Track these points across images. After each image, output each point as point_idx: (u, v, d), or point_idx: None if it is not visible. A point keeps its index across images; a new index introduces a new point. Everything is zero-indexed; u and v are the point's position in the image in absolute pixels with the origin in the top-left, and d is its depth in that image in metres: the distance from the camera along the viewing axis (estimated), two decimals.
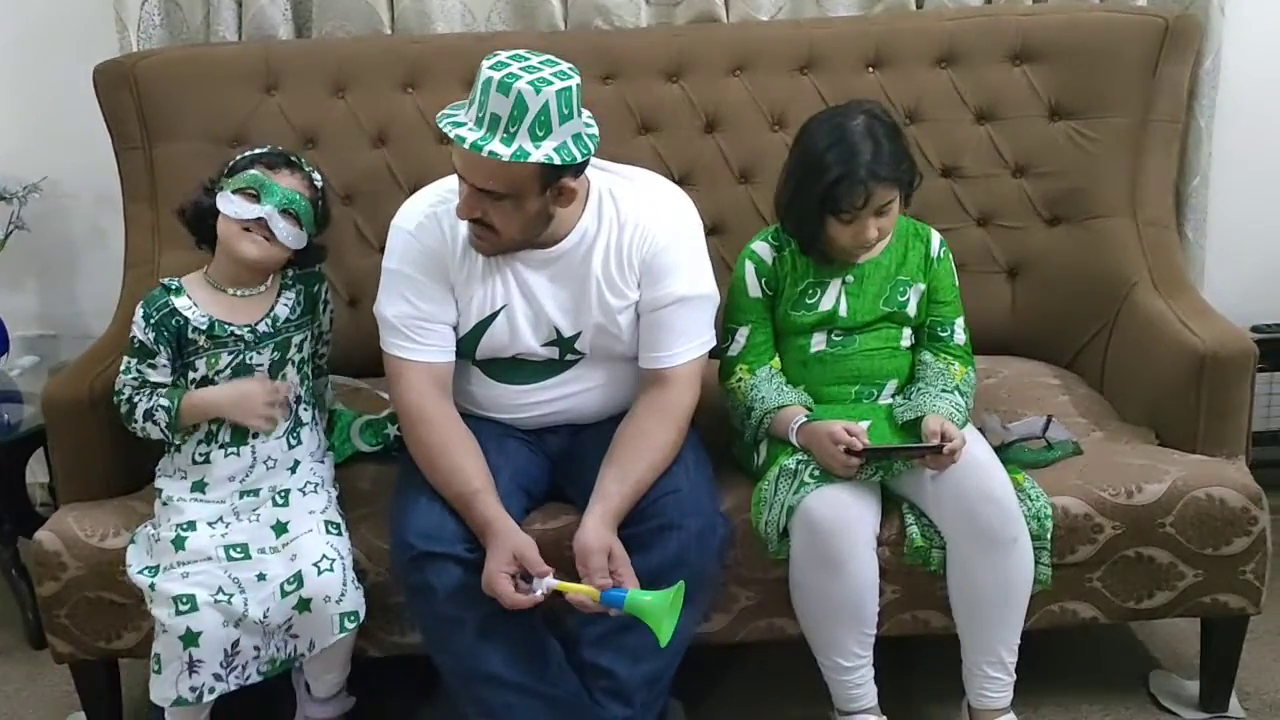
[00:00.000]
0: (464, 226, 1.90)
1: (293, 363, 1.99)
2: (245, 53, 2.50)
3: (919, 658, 2.14)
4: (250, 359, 1.94)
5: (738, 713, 2.18)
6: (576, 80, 1.79)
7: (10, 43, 2.72)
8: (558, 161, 1.77)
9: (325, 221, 2.01)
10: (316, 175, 2.00)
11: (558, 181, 1.82)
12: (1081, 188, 2.44)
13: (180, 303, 1.92)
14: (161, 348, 1.91)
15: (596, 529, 1.80)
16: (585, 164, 1.85)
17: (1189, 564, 2.00)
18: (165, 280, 1.96)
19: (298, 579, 1.86)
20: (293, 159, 1.98)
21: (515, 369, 1.99)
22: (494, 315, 1.94)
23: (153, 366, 1.91)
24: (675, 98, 2.49)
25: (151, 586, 1.86)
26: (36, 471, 2.72)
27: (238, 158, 1.97)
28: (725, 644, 2.04)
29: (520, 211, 1.84)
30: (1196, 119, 2.57)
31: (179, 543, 1.87)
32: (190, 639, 1.82)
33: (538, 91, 1.74)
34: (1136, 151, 2.41)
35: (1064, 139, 2.45)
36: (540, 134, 1.75)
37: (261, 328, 1.95)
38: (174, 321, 1.91)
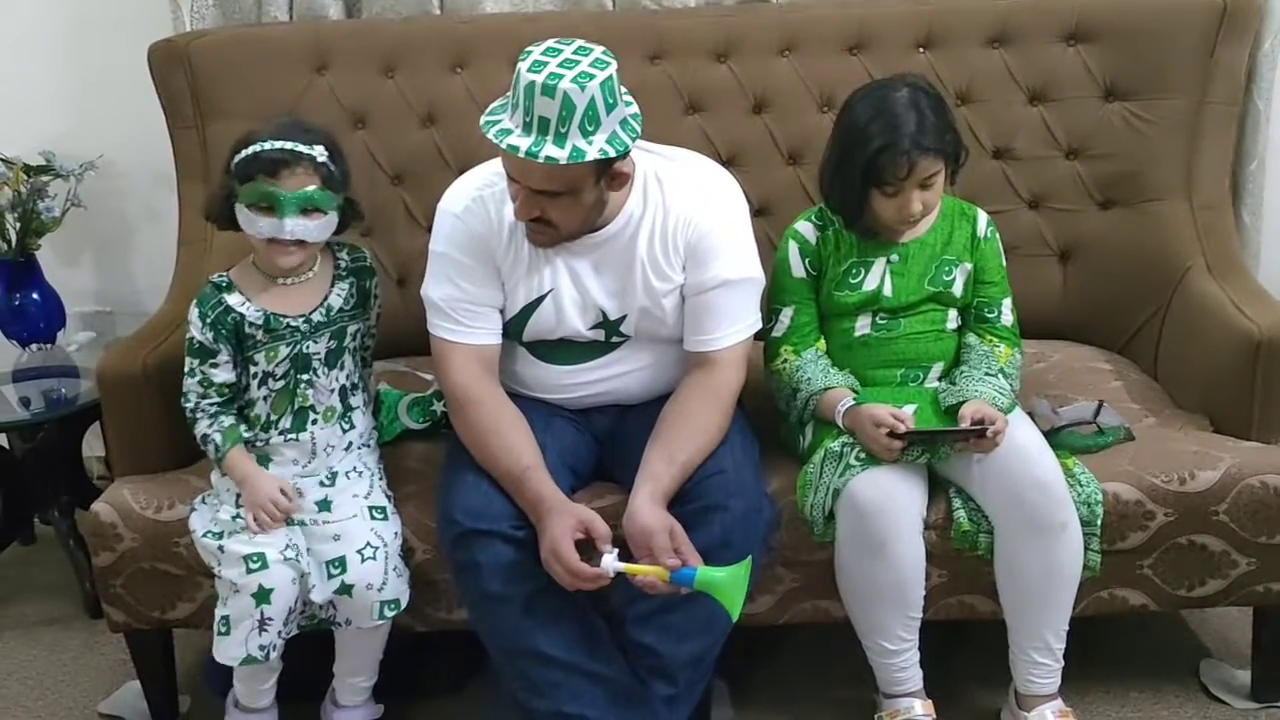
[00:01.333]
0: (510, 209, 1.90)
1: (349, 350, 1.99)
2: (296, 33, 2.52)
3: (965, 642, 2.13)
4: (307, 348, 1.94)
5: (781, 694, 2.18)
6: (614, 66, 1.78)
7: (66, 24, 2.76)
8: (612, 154, 1.77)
9: (346, 183, 1.94)
10: (318, 150, 1.88)
11: (610, 168, 1.82)
12: (1136, 170, 2.40)
13: (233, 300, 1.90)
14: (222, 346, 1.90)
15: (652, 509, 1.79)
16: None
17: (1242, 552, 1.97)
18: (215, 278, 1.93)
19: (342, 564, 1.89)
20: (291, 151, 1.85)
21: (562, 350, 2.00)
22: (540, 299, 1.95)
23: (215, 366, 1.91)
24: (723, 78, 2.47)
25: (220, 548, 1.88)
26: (93, 445, 2.77)
27: (242, 154, 1.87)
28: (769, 626, 2.04)
29: (578, 204, 1.84)
30: (1254, 102, 2.52)
31: (242, 516, 1.90)
32: (263, 596, 1.83)
33: (582, 89, 1.72)
34: (1192, 134, 2.38)
35: (1118, 121, 2.41)
36: (590, 129, 1.75)
37: (316, 317, 1.94)
38: (230, 319, 1.89)
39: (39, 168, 2.62)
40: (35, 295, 2.65)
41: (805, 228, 2.06)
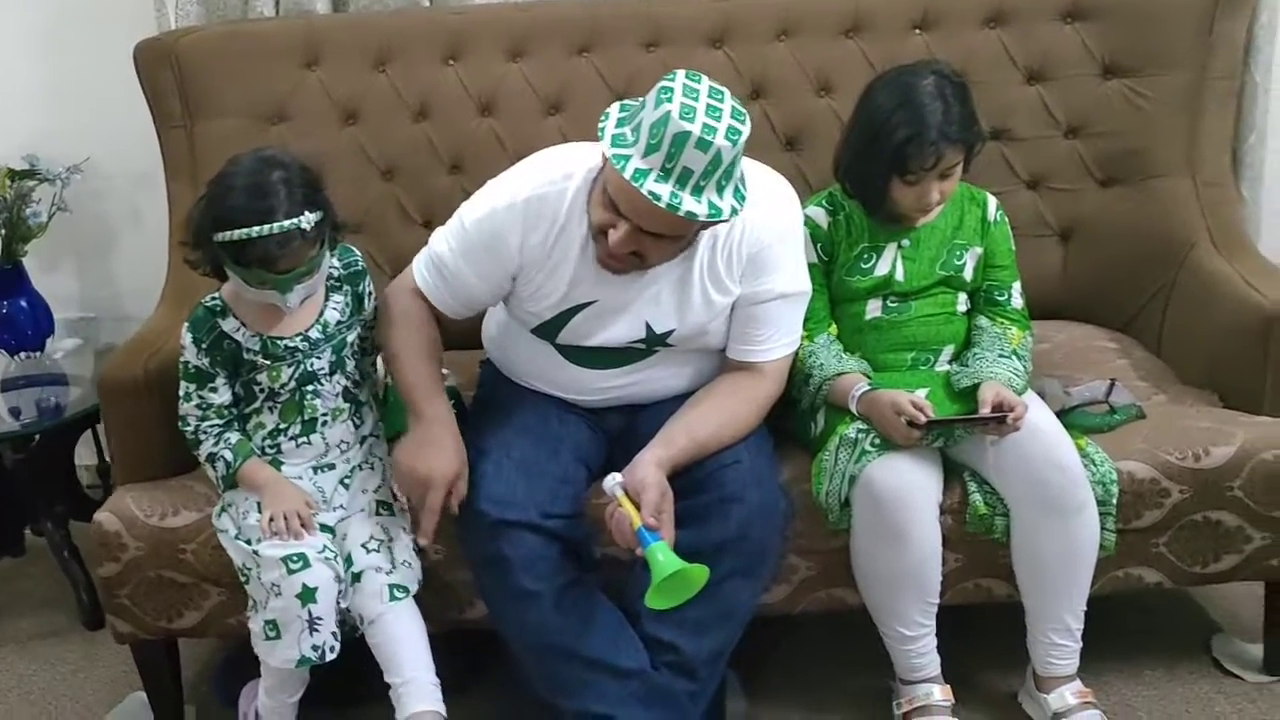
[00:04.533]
0: (564, 216, 1.84)
1: (349, 357, 1.95)
2: (285, 28, 2.48)
3: (982, 626, 2.12)
4: (311, 365, 1.89)
5: (796, 683, 2.17)
6: (749, 119, 1.73)
7: (47, 25, 2.71)
8: (740, 210, 1.75)
9: (329, 211, 1.82)
10: (305, 218, 1.74)
11: None
12: (1136, 148, 2.40)
13: (228, 325, 1.84)
14: (218, 370, 1.86)
15: (655, 469, 1.77)
16: None
17: (1257, 527, 1.97)
18: (208, 301, 1.86)
19: (349, 560, 1.87)
20: (284, 237, 1.73)
21: (595, 356, 1.95)
22: (582, 306, 1.90)
23: (214, 390, 1.87)
24: (720, 64, 2.44)
25: (255, 554, 1.82)
26: (83, 455, 2.72)
27: (230, 237, 1.72)
28: (785, 615, 2.03)
29: (676, 245, 1.81)
30: (1252, 75, 2.52)
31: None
32: (308, 595, 1.78)
33: (734, 146, 1.68)
34: (1193, 110, 2.37)
35: (1117, 98, 2.41)
36: (724, 184, 1.71)
37: (314, 334, 1.89)
38: (225, 344, 1.84)
39: (24, 172, 2.56)
40: (23, 302, 2.60)
41: (816, 213, 2.04)
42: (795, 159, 2.46)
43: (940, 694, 1.97)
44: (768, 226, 1.88)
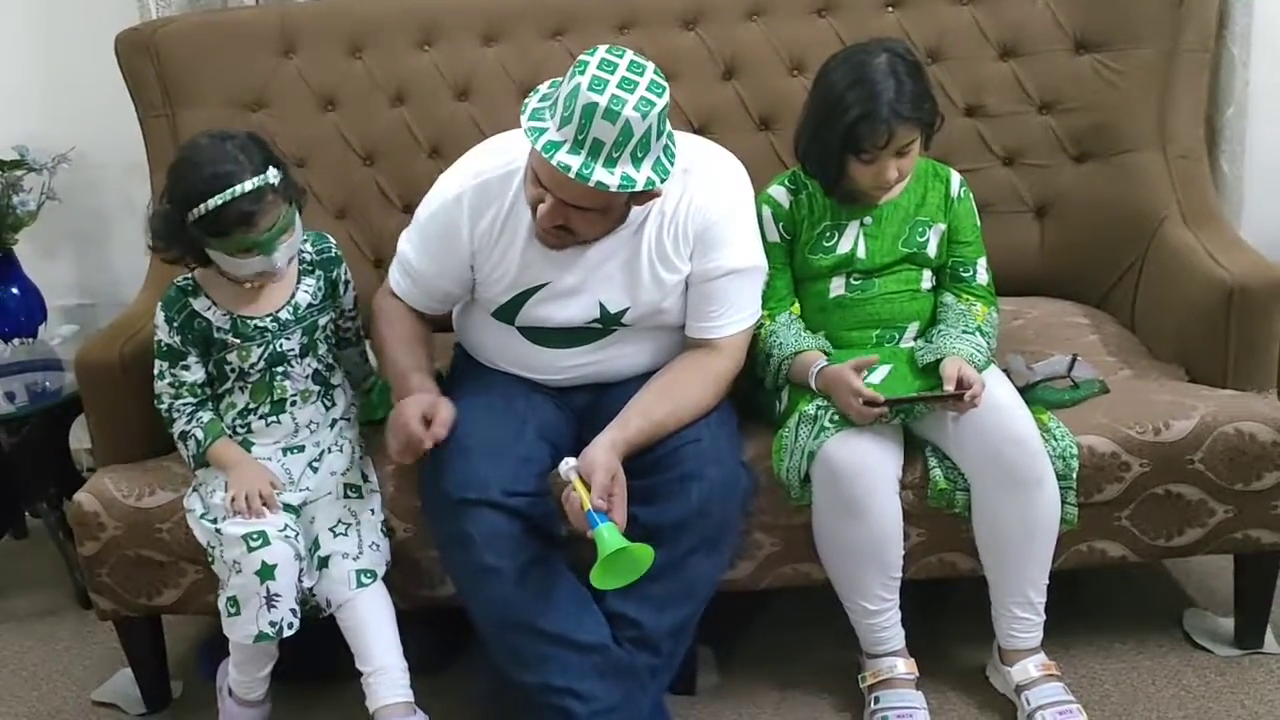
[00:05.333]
0: (510, 200, 1.90)
1: (321, 340, 1.99)
2: (262, 17, 2.51)
3: (947, 600, 2.14)
4: (280, 345, 1.93)
5: (766, 657, 2.19)
6: (668, 90, 1.75)
7: (33, 14, 2.75)
8: (658, 183, 1.77)
9: (287, 172, 1.87)
10: (270, 173, 1.80)
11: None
12: (1109, 122, 2.39)
13: (199, 304, 1.89)
14: (190, 349, 1.90)
15: (606, 452, 1.79)
16: None
17: (1219, 500, 1.97)
18: (180, 281, 1.92)
19: (316, 543, 1.91)
20: (256, 193, 1.78)
21: (555, 335, 1.99)
22: (536, 288, 1.94)
23: (186, 368, 1.91)
24: (692, 45, 2.46)
25: (218, 531, 1.87)
26: (81, 438, 2.78)
27: (204, 210, 1.77)
28: (751, 591, 2.05)
29: (606, 218, 1.84)
30: (1228, 46, 2.50)
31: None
32: (267, 572, 1.83)
33: (644, 117, 1.70)
34: (1165, 83, 2.36)
35: (1090, 73, 2.40)
36: (640, 156, 1.73)
37: (284, 315, 1.93)
38: (196, 323, 1.89)
39: (12, 162, 2.62)
40: (15, 290, 2.67)
41: (778, 192, 2.06)
42: (770, 138, 2.47)
43: (904, 667, 1.99)
44: (714, 204, 1.90)
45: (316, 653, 2.00)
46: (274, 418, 1.96)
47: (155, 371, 1.93)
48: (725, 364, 1.95)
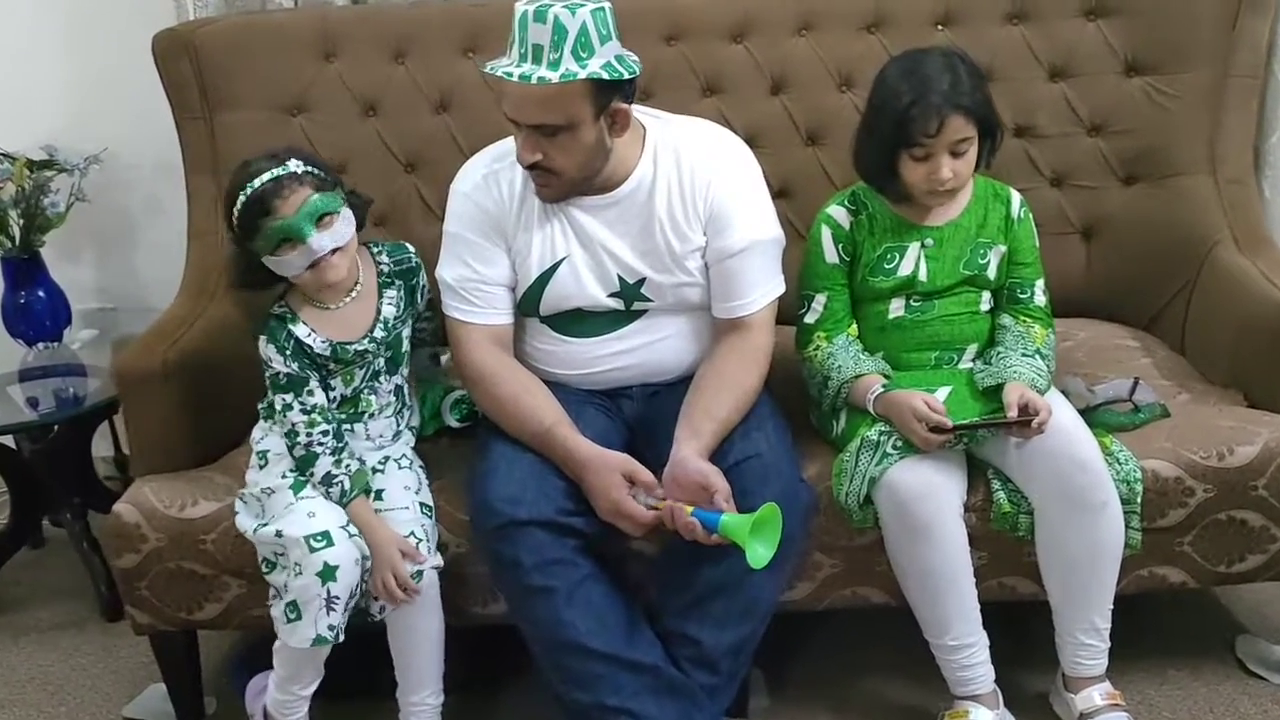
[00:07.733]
0: (520, 183, 1.91)
1: (404, 355, 1.99)
2: (303, 19, 2.47)
3: (1009, 626, 2.11)
4: (377, 365, 1.94)
5: (818, 681, 2.16)
6: (609, 3, 1.80)
7: (67, 15, 2.71)
8: (607, 77, 1.77)
9: (331, 174, 1.90)
10: (292, 163, 1.83)
11: (609, 106, 1.81)
12: (1159, 145, 2.38)
13: (300, 331, 1.88)
14: (309, 374, 1.89)
15: (699, 461, 1.79)
16: (634, 88, 1.86)
17: None
18: (276, 310, 1.91)
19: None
20: (271, 179, 1.81)
21: (581, 321, 1.98)
22: (555, 266, 1.94)
23: (310, 393, 1.88)
24: (740, 59, 2.44)
25: (278, 534, 1.83)
26: (99, 445, 2.72)
27: (238, 207, 1.82)
28: (809, 612, 2.02)
29: (578, 143, 1.83)
30: (1275, 73, 2.50)
31: (298, 486, 1.87)
32: (328, 573, 1.79)
33: (573, 14, 1.74)
34: (1215, 108, 2.36)
35: (1140, 95, 2.39)
36: (584, 55, 1.76)
37: (378, 333, 1.92)
38: (305, 349, 1.88)
39: (42, 162, 2.56)
40: (41, 293, 2.61)
41: (838, 212, 2.03)
42: (817, 153, 2.45)
43: (988, 717, 1.93)
44: (722, 177, 1.92)
45: (355, 670, 1.95)
46: (349, 426, 1.94)
47: (278, 407, 1.89)
48: (761, 339, 1.95)
